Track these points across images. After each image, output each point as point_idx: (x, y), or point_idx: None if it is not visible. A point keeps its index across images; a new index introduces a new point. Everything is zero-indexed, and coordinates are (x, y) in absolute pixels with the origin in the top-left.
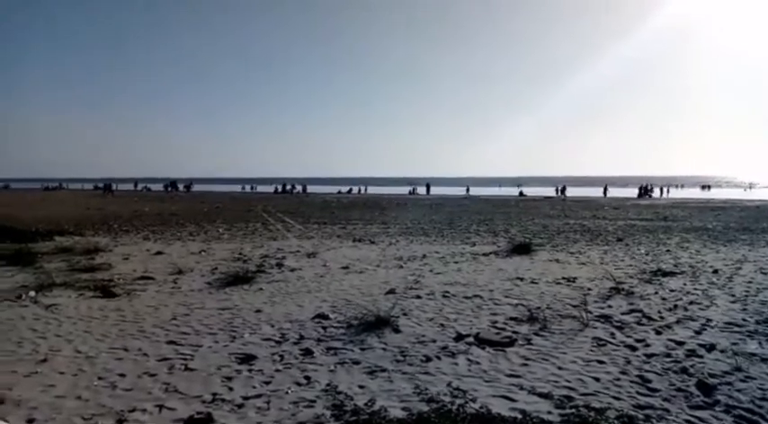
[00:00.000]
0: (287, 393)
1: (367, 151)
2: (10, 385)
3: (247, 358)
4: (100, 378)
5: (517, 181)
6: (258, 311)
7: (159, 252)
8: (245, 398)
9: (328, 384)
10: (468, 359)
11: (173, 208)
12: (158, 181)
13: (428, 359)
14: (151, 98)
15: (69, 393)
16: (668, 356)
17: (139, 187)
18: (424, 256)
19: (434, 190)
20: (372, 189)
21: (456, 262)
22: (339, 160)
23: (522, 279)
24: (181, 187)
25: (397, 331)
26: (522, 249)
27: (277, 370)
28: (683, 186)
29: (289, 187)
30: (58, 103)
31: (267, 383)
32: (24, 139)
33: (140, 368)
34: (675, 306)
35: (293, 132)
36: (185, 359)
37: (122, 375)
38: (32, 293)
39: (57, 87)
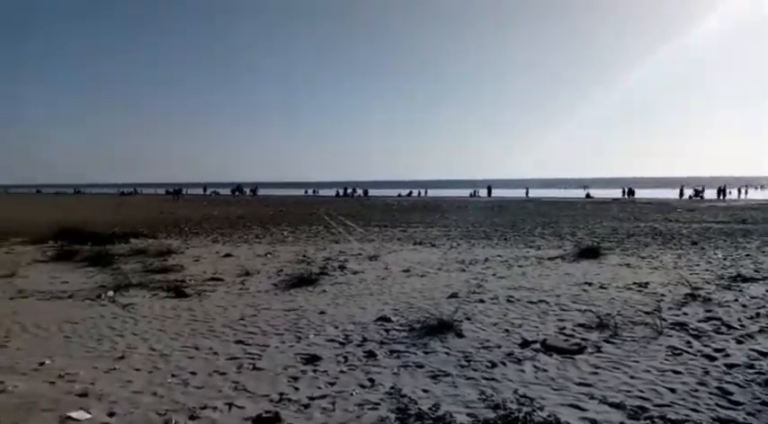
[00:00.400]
0: (351, 394)
1: (430, 154)
2: (92, 380)
3: (312, 359)
4: (173, 375)
5: (582, 182)
6: (322, 312)
7: (228, 255)
8: (311, 398)
9: (392, 387)
10: (535, 366)
11: (239, 212)
12: (225, 185)
13: (493, 365)
14: (222, 107)
15: (145, 388)
16: (751, 367)
17: (208, 191)
18: (487, 260)
19: (495, 193)
20: (433, 192)
21: (520, 266)
22: (401, 163)
23: (590, 284)
24: (247, 191)
25: (460, 335)
26: (590, 253)
27: (341, 371)
28: (762, 187)
29: (350, 190)
30: (136, 114)
31: (332, 384)
32: (103, 147)
33: (211, 367)
34: (758, 314)
35: (355, 137)
36: (253, 359)
37: (194, 373)
38: (111, 293)
39: (142, 98)
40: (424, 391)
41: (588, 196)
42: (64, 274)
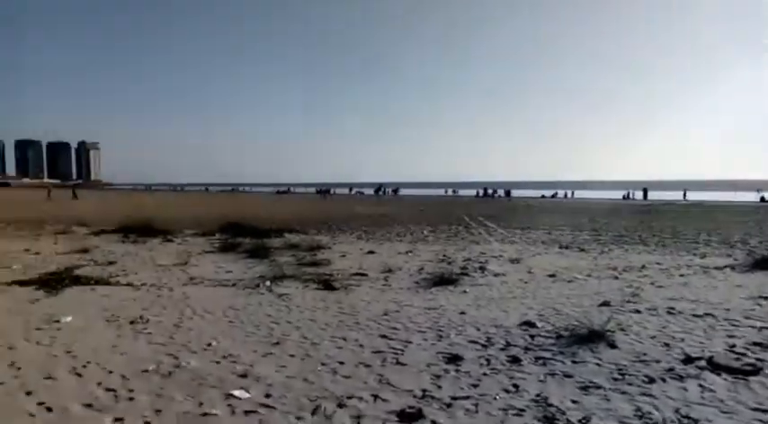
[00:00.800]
0: (495, 398)
1: (579, 153)
2: (251, 362)
3: (454, 358)
4: (323, 364)
5: (756, 185)
6: (463, 313)
7: (371, 252)
8: (454, 398)
9: (538, 395)
10: (701, 385)
11: (382, 211)
12: (368, 185)
13: (651, 381)
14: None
15: (298, 374)
16: None
17: (353, 191)
18: (643, 267)
19: (652, 195)
20: (580, 193)
21: (682, 275)
22: (547, 163)
23: (766, 299)
24: (389, 191)
25: (613, 346)
26: (766, 263)
27: (484, 374)
28: None
29: (491, 191)
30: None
31: (474, 386)
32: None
33: (357, 358)
34: None
35: (498, 136)
36: (396, 354)
37: (342, 363)
38: (268, 283)
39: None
40: (573, 401)
41: (763, 199)
42: (228, 264)
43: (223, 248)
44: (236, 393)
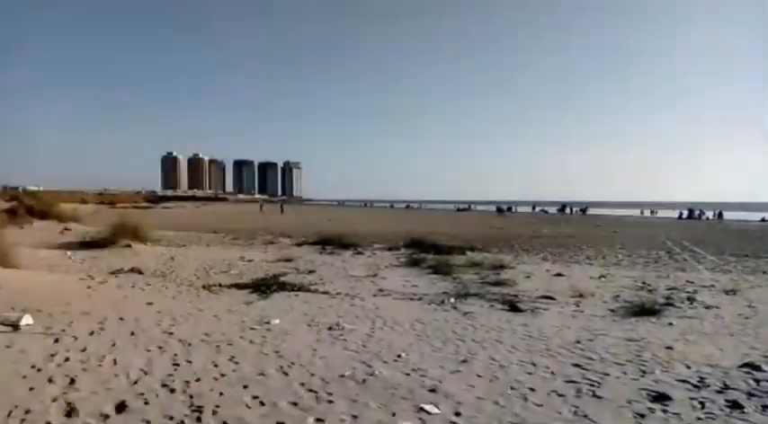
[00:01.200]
0: None
1: None
2: (440, 378)
3: (660, 397)
4: (512, 388)
5: None
6: (669, 347)
7: (558, 274)
8: None
9: None
10: None
11: (568, 231)
12: (551, 204)
13: None
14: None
15: (487, 396)
16: None
17: (536, 209)
18: None
19: None
20: None
21: None
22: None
23: None
24: (575, 210)
25: None
26: None
27: (698, 418)
28: None
29: (697, 212)
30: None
31: None
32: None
33: (549, 386)
34: None
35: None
36: (592, 385)
37: (532, 390)
38: (452, 300)
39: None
40: None
41: None
42: (413, 279)
43: (408, 263)
44: (427, 407)
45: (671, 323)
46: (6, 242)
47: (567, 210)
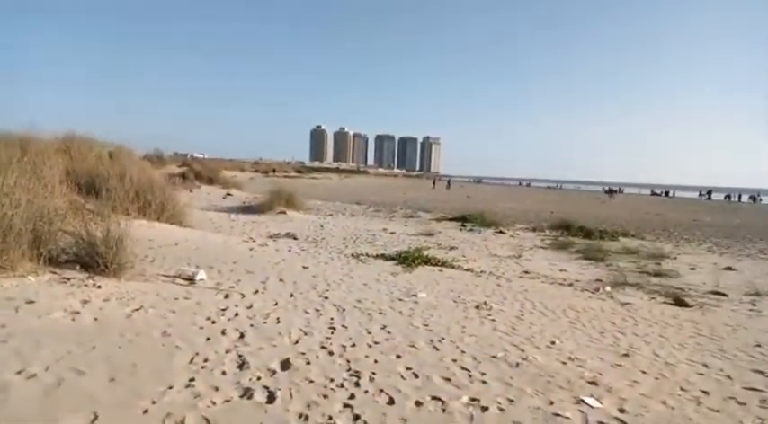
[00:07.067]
0: None
1: None
2: (600, 371)
3: None
4: (682, 389)
5: None
6: None
7: (729, 268)
8: None
9: None
10: None
11: (736, 221)
12: (721, 190)
13: None
14: None
15: (653, 394)
16: None
17: (704, 195)
18: None
19: None
20: None
21: None
22: None
23: None
24: (745, 197)
25: None
26: None
27: None
28: None
29: None
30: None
31: None
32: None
33: (726, 391)
34: None
35: None
36: None
37: (706, 393)
38: (608, 288)
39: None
40: None
41: None
42: (560, 263)
43: (555, 245)
44: (588, 400)
45: None
46: (181, 203)
47: (735, 197)
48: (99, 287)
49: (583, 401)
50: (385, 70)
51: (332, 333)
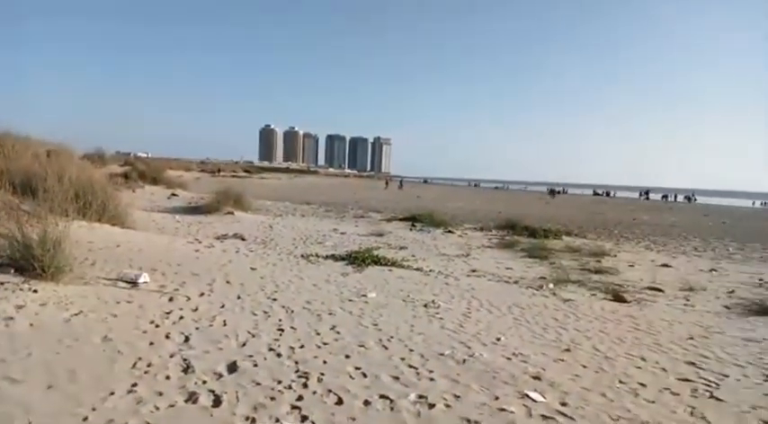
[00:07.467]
0: None
1: None
2: (542, 366)
3: None
4: (621, 382)
5: None
6: None
7: (665, 265)
8: None
9: None
10: None
11: (672, 219)
12: (658, 190)
13: None
14: None
15: (594, 387)
16: None
17: (643, 195)
18: None
19: None
20: None
21: None
22: None
23: None
24: (680, 197)
25: None
26: None
27: None
28: None
29: None
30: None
31: None
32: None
33: (660, 383)
34: None
35: None
36: (709, 386)
37: (642, 385)
38: (551, 285)
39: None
40: None
41: None
42: (506, 261)
43: (501, 244)
44: (532, 394)
45: None
46: (123, 204)
47: (672, 197)
48: (35, 291)
49: (527, 395)
50: (335, 71)
51: (280, 335)
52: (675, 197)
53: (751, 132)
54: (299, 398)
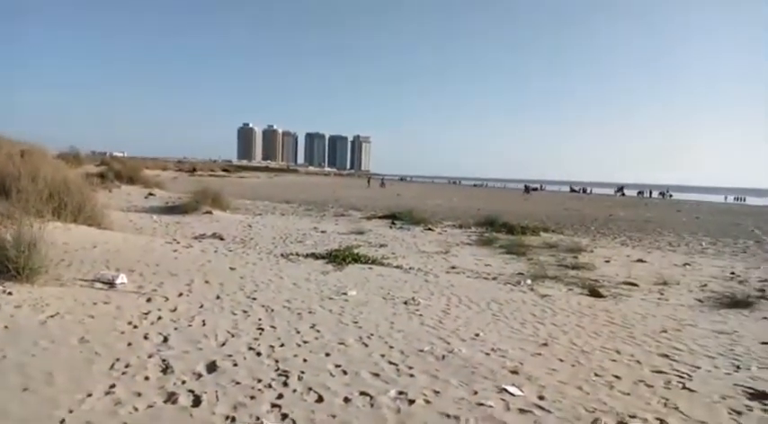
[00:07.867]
0: None
1: None
2: (520, 360)
3: (759, 396)
4: (597, 375)
5: None
6: (765, 343)
7: (640, 260)
8: None
9: None
10: None
11: (647, 215)
12: (634, 187)
13: None
14: None
15: (570, 381)
16: None
17: (618, 192)
18: None
19: None
20: None
21: None
22: None
23: None
24: (655, 193)
25: None
26: None
27: None
28: None
29: None
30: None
31: None
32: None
33: (635, 375)
34: None
35: None
36: (682, 378)
37: (618, 377)
38: (529, 281)
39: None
40: None
41: None
42: (485, 258)
43: (480, 241)
44: (510, 388)
45: (765, 318)
46: (99, 204)
47: (646, 193)
48: (10, 293)
49: (505, 389)
50: (314, 70)
51: (260, 334)
52: (651, 193)
53: (723, 130)
54: (280, 396)
